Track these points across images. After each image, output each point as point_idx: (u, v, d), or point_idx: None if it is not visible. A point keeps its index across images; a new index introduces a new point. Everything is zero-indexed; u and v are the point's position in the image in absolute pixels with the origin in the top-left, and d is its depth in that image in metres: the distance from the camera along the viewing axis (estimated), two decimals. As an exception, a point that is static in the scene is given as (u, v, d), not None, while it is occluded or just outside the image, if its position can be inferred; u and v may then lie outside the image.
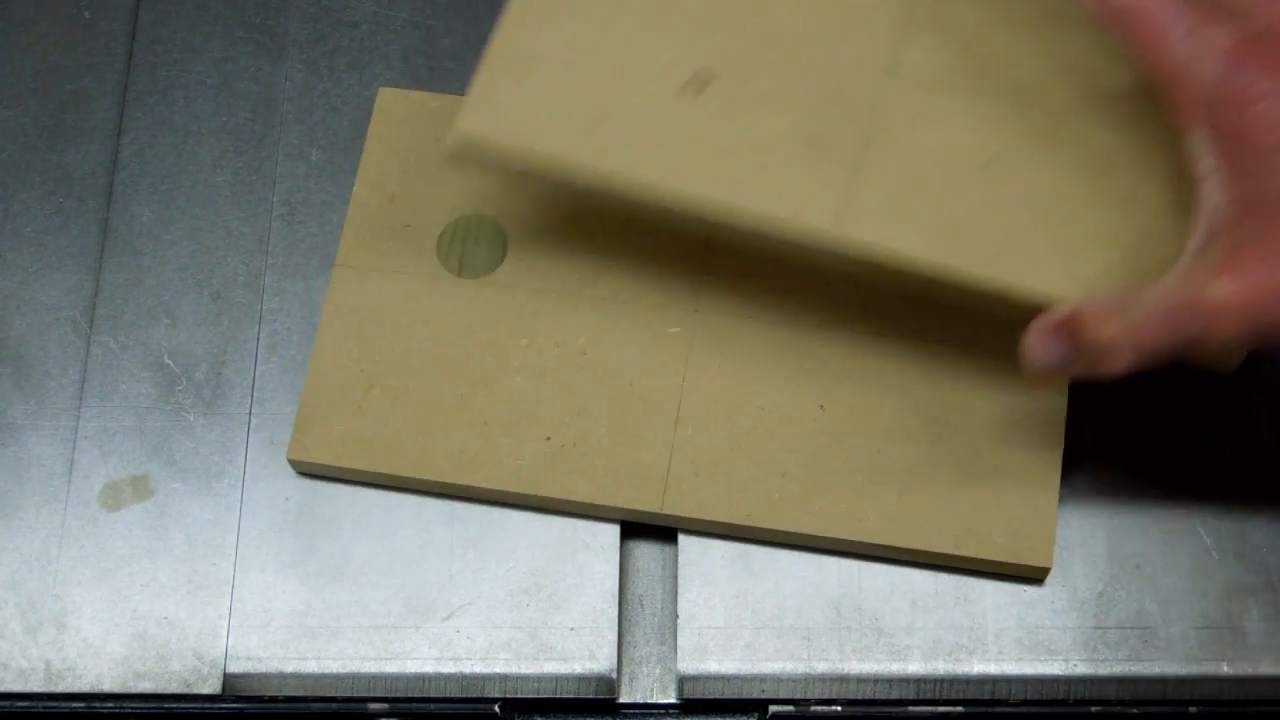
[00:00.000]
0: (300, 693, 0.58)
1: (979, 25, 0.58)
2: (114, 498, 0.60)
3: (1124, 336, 0.50)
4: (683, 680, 0.57)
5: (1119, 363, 0.51)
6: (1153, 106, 0.54)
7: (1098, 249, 0.54)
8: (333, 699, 0.58)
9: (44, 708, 0.58)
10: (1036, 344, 0.52)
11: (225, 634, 0.58)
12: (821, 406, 0.59)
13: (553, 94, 0.57)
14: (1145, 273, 0.52)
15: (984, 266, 0.54)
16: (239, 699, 0.58)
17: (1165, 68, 0.51)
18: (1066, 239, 0.54)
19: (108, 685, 0.58)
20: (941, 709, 0.57)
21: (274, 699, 0.58)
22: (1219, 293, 0.48)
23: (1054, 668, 0.57)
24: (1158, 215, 0.54)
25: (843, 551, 0.58)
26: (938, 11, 0.58)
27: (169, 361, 0.63)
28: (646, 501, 0.58)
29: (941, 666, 0.57)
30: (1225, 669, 0.57)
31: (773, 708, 0.57)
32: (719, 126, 0.56)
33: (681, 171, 0.56)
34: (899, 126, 0.56)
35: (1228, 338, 0.49)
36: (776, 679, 0.57)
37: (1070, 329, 0.52)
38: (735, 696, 0.57)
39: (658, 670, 0.59)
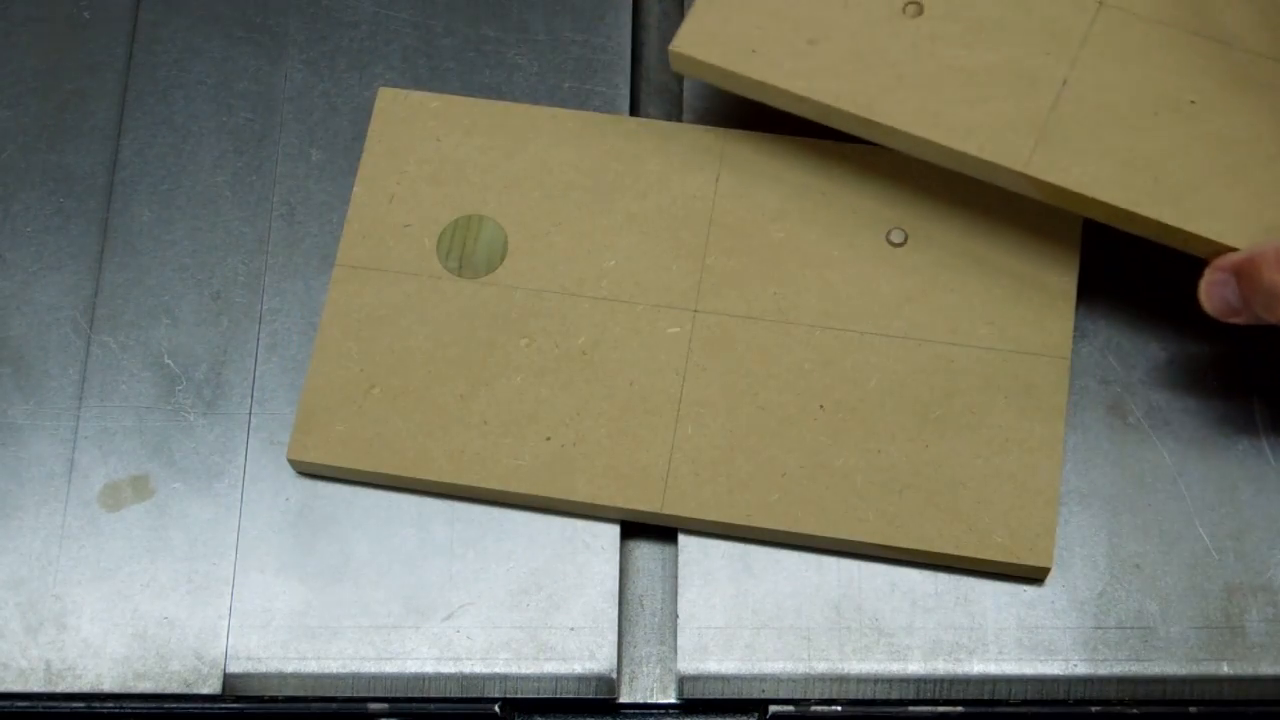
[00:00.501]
0: (300, 693, 0.58)
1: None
2: (114, 498, 0.60)
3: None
4: (683, 680, 0.57)
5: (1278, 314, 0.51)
6: None
7: None
8: (333, 699, 0.58)
9: (44, 708, 0.58)
10: (1209, 287, 0.53)
11: (225, 634, 0.58)
12: (821, 406, 0.59)
13: (771, 13, 0.61)
14: None
15: (1167, 209, 0.56)
16: (239, 699, 0.58)
17: None
18: (1251, 185, 0.56)
19: (108, 685, 0.58)
20: (941, 709, 0.57)
21: (274, 699, 0.58)
22: None
23: (1054, 668, 0.57)
24: None
25: (842, 551, 0.58)
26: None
27: (169, 361, 0.63)
28: (646, 501, 0.58)
29: (941, 666, 0.57)
30: (1225, 669, 0.57)
31: (773, 708, 0.57)
32: (929, 52, 0.59)
33: (885, 100, 0.59)
34: (1105, 58, 0.59)
35: None
36: (776, 679, 0.57)
37: (1244, 272, 0.52)
38: (735, 696, 0.57)
39: (658, 670, 0.59)
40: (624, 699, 0.58)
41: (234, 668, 0.58)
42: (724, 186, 0.62)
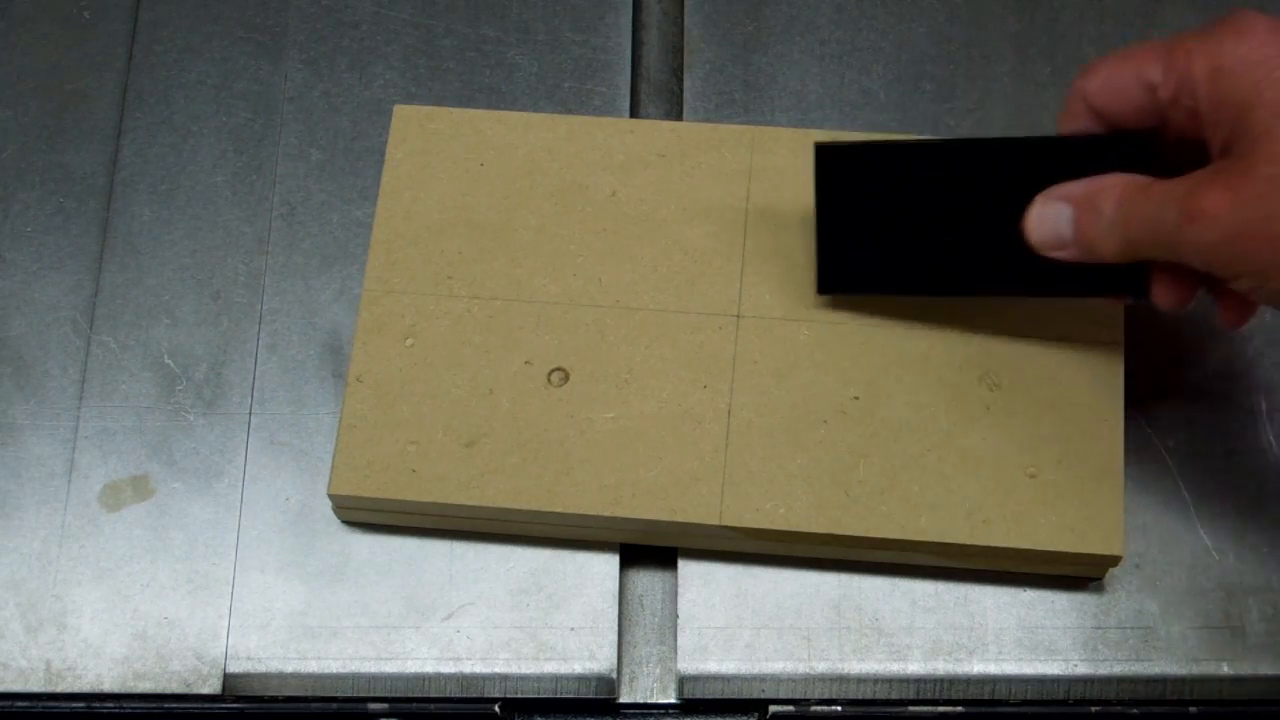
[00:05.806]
0: (300, 693, 0.58)
1: (806, 265, 0.59)
2: (114, 498, 0.60)
3: (1116, 215, 0.51)
4: (683, 680, 0.57)
5: (1108, 247, 0.51)
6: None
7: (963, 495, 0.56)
8: (333, 699, 0.58)
9: (44, 708, 0.58)
10: (1040, 217, 0.53)
11: (225, 634, 0.58)
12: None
13: (420, 423, 0.58)
14: None
15: (866, 522, 0.56)
16: (239, 699, 0.58)
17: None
18: (933, 474, 0.56)
19: (108, 685, 0.58)
20: (941, 709, 0.57)
21: (274, 699, 0.58)
22: (1210, 198, 0.48)
23: (1054, 668, 0.57)
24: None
25: (878, 564, 0.58)
26: (770, 256, 0.60)
27: (169, 361, 0.63)
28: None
29: (941, 666, 0.57)
30: (1225, 669, 0.57)
31: (773, 708, 0.57)
32: (587, 420, 0.57)
33: (559, 485, 0.57)
34: (760, 374, 0.58)
35: (1204, 245, 0.48)
36: (776, 679, 0.57)
37: (1082, 203, 0.52)
38: (735, 696, 0.57)
39: (658, 670, 0.59)
40: (624, 699, 0.58)
41: (234, 668, 0.58)
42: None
